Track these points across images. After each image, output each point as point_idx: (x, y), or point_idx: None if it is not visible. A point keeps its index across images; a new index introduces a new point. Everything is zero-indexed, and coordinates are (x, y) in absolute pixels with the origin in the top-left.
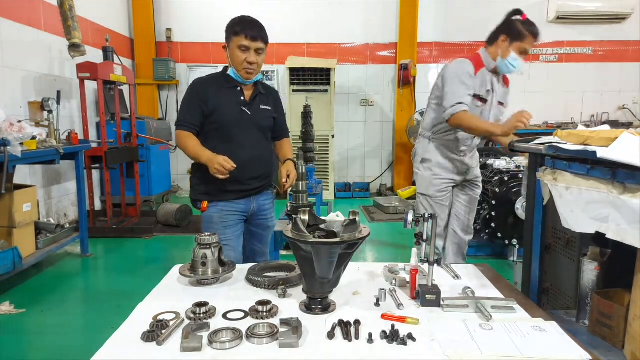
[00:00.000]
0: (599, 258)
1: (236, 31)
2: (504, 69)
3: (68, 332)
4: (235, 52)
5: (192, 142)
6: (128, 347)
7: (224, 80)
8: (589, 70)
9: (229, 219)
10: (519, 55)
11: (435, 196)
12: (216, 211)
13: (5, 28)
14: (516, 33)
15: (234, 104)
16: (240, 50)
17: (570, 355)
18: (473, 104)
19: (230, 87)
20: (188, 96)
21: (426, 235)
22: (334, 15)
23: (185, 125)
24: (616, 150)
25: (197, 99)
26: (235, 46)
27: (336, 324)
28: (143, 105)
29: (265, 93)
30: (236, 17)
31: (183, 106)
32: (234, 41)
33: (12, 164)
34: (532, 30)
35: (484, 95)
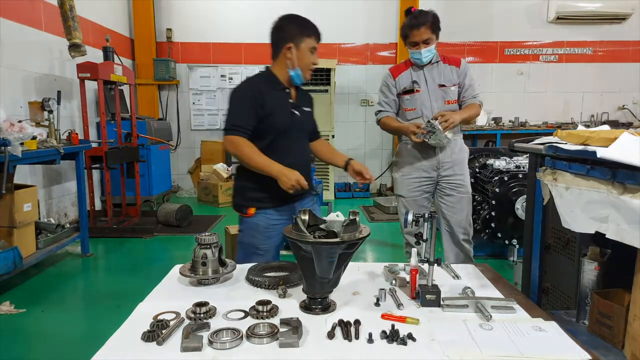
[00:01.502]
0: (599, 258)
1: (309, 33)
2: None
3: (68, 332)
4: (306, 53)
5: (253, 150)
6: (128, 347)
7: (274, 82)
8: (589, 70)
9: (273, 229)
10: (412, 49)
11: (409, 196)
12: (262, 219)
13: (6, 28)
14: (402, 35)
15: (286, 107)
16: (310, 52)
17: (570, 355)
18: (402, 99)
19: (280, 89)
20: (241, 99)
21: (426, 235)
22: (334, 15)
23: (241, 131)
24: (616, 150)
25: (253, 102)
26: (307, 48)
27: (336, 324)
28: (143, 105)
29: (304, 93)
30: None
31: (235, 109)
32: (306, 42)
33: (13, 164)
34: (409, 23)
35: (410, 87)
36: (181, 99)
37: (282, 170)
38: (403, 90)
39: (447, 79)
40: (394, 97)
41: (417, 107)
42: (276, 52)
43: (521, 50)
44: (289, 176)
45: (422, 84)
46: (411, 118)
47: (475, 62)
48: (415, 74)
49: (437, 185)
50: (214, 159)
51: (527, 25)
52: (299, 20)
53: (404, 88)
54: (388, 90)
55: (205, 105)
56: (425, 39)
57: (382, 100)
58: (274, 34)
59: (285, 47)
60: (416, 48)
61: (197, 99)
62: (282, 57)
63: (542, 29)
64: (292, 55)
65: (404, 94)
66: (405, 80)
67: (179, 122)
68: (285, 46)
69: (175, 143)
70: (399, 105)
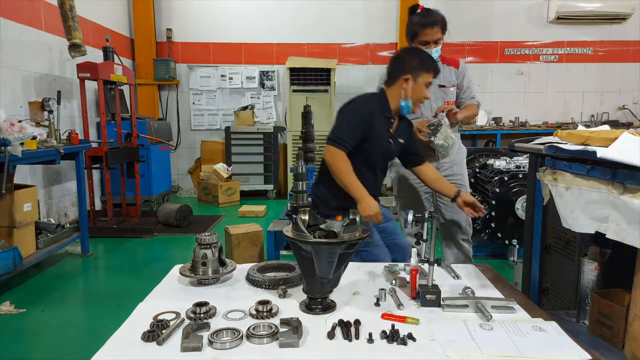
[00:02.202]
0: (599, 258)
1: (427, 68)
2: None
3: (68, 332)
4: (421, 87)
5: (348, 168)
6: (128, 347)
7: (384, 108)
8: (589, 70)
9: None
10: (424, 48)
11: (408, 197)
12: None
13: (6, 28)
14: (410, 33)
15: (386, 135)
16: (425, 86)
17: (570, 355)
18: None
19: (387, 116)
20: (353, 115)
21: (426, 235)
22: (334, 15)
23: (345, 145)
24: (616, 150)
25: (363, 121)
26: (424, 82)
27: (336, 324)
28: (143, 105)
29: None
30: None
31: (344, 123)
32: (423, 77)
33: (13, 164)
34: (420, 23)
35: None
36: (181, 99)
37: (365, 197)
38: None
39: (447, 79)
40: None
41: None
42: (392, 79)
43: (521, 50)
44: (370, 206)
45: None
46: (412, 119)
47: (475, 62)
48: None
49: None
50: (214, 159)
51: (527, 25)
52: (421, 55)
53: None
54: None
55: (205, 105)
56: (436, 39)
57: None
58: (394, 63)
59: (402, 78)
60: (427, 47)
61: (197, 99)
62: (398, 85)
63: (542, 29)
64: (407, 87)
65: None
66: None
67: (179, 122)
68: (403, 77)
69: (175, 143)
70: None
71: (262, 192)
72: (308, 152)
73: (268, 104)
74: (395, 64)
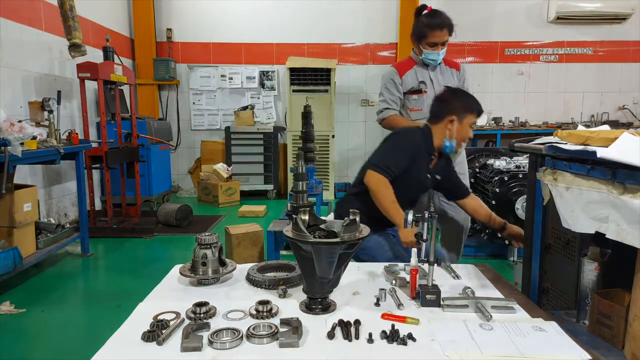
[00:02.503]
0: (599, 258)
1: (473, 110)
2: (427, 63)
3: (68, 332)
4: (466, 128)
5: (391, 194)
6: (128, 347)
7: (428, 145)
8: (589, 70)
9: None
10: (430, 49)
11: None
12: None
13: (6, 28)
14: (418, 32)
15: (425, 171)
16: (470, 127)
17: (570, 355)
18: (409, 99)
19: (429, 153)
20: (404, 146)
21: (426, 235)
22: (334, 15)
23: (389, 173)
24: (616, 150)
25: (410, 154)
26: (469, 124)
27: (336, 324)
28: (143, 105)
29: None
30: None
31: (393, 152)
32: (468, 118)
33: (13, 164)
34: (430, 24)
35: (417, 87)
36: (181, 99)
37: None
38: (410, 90)
39: (450, 81)
40: (399, 95)
41: (423, 108)
42: (438, 118)
43: (521, 50)
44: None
45: (429, 85)
46: (415, 118)
47: (475, 62)
48: (420, 74)
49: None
50: (214, 159)
51: (527, 25)
52: (467, 97)
53: (412, 87)
54: (394, 88)
55: (205, 105)
56: (444, 41)
57: (387, 98)
58: (440, 103)
59: (447, 118)
60: (434, 49)
61: (197, 99)
62: (443, 125)
63: (542, 29)
64: (452, 127)
65: (411, 93)
66: (411, 80)
67: (179, 122)
68: (448, 118)
69: (176, 143)
70: (403, 104)
71: (262, 192)
72: (308, 152)
73: (268, 104)
74: (441, 105)
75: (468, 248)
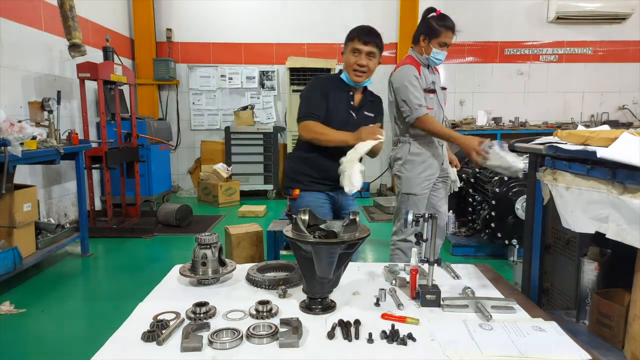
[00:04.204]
0: (599, 258)
1: (352, 36)
2: (432, 62)
3: (68, 332)
4: (348, 55)
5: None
6: (128, 347)
7: (339, 82)
8: (589, 70)
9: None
10: (440, 49)
11: (421, 193)
12: (307, 200)
13: (6, 28)
14: (431, 31)
15: (345, 106)
16: (352, 53)
17: (570, 355)
18: (426, 97)
19: (343, 90)
20: (312, 90)
21: (426, 235)
22: (334, 15)
23: (314, 115)
24: (616, 150)
25: (320, 92)
26: (349, 50)
27: (336, 324)
28: (143, 105)
29: (372, 100)
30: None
31: (307, 100)
32: (348, 45)
33: (13, 164)
34: (446, 25)
35: (432, 87)
36: (181, 99)
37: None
38: (427, 89)
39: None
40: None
41: (434, 107)
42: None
43: (521, 50)
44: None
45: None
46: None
47: (475, 62)
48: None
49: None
50: (214, 159)
51: (527, 25)
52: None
53: (428, 87)
54: (419, 85)
55: (205, 105)
56: (451, 43)
57: (418, 95)
58: None
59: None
60: (442, 49)
61: (197, 99)
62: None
63: (542, 29)
64: (343, 60)
65: (426, 92)
66: (424, 79)
67: (179, 122)
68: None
69: (175, 143)
70: None
71: (262, 192)
72: None
73: (268, 104)
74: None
75: (468, 248)
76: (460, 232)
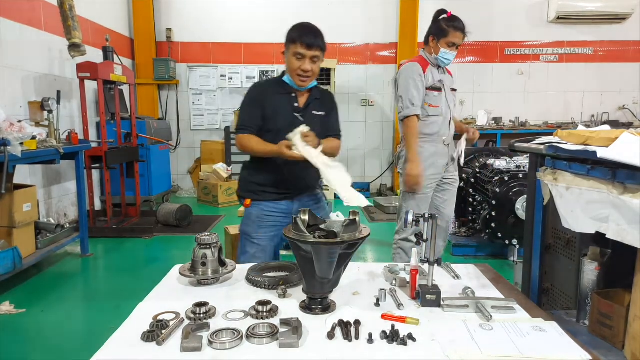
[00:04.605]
0: (599, 258)
1: (293, 38)
2: (441, 63)
3: (68, 332)
4: (290, 59)
5: (255, 140)
6: (128, 347)
7: (279, 86)
8: (589, 70)
9: (266, 219)
10: (448, 49)
11: (424, 193)
12: (256, 210)
13: (6, 28)
14: (440, 31)
15: (288, 111)
16: (295, 57)
17: (570, 355)
18: (430, 95)
19: (285, 93)
20: (248, 100)
21: (426, 235)
22: (334, 16)
23: (246, 128)
24: (616, 150)
25: (256, 102)
26: (292, 54)
27: (336, 324)
28: (143, 105)
29: (319, 98)
30: (296, 24)
31: (243, 111)
32: (290, 48)
33: (12, 163)
34: (454, 25)
35: (438, 85)
36: (181, 99)
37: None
38: (432, 87)
39: (452, 84)
40: (423, 91)
41: (440, 106)
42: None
43: (521, 50)
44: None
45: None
46: (433, 114)
47: (475, 62)
48: (435, 74)
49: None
50: (214, 159)
51: (527, 25)
52: (293, 27)
53: (433, 84)
54: (421, 83)
55: (205, 105)
56: (460, 44)
57: (414, 95)
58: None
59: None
60: (451, 49)
61: (196, 98)
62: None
63: (542, 28)
64: (285, 61)
65: (431, 89)
66: (430, 77)
67: (178, 122)
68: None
69: (175, 143)
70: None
71: None
72: None
73: None
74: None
75: (468, 248)
76: (461, 232)
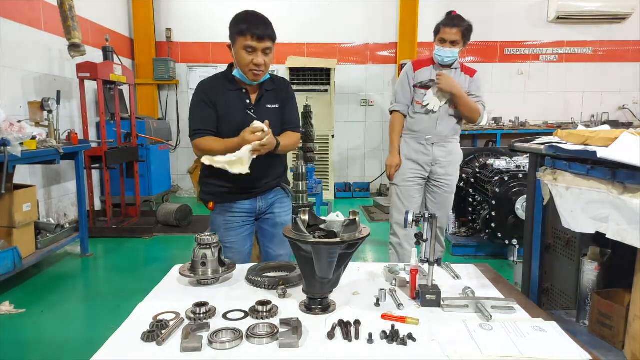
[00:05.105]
0: (599, 258)
1: (241, 30)
2: (436, 59)
3: (68, 332)
4: (240, 53)
5: (213, 140)
6: (128, 347)
7: (228, 82)
8: (589, 70)
9: (232, 221)
10: (440, 45)
11: (402, 185)
12: (220, 212)
13: (6, 28)
14: (435, 29)
15: (240, 108)
16: (246, 51)
17: (570, 355)
18: (417, 92)
19: (235, 89)
20: (197, 102)
21: (426, 235)
22: (334, 15)
23: (201, 132)
24: (616, 150)
25: (205, 102)
26: (241, 47)
27: (336, 324)
28: (143, 105)
29: (272, 89)
30: (240, 13)
31: (193, 113)
32: (239, 41)
33: (12, 164)
34: (444, 22)
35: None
36: (181, 99)
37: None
38: (420, 84)
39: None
40: (409, 89)
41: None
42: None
43: (521, 50)
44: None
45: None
46: (419, 112)
47: (475, 62)
48: (435, 72)
49: (429, 182)
50: None
51: (527, 25)
52: (238, 16)
53: (421, 82)
54: (406, 82)
55: None
56: (453, 40)
57: (399, 94)
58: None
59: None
60: (443, 45)
61: None
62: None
63: (542, 28)
64: (231, 54)
65: (420, 87)
66: (424, 76)
67: (178, 122)
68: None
69: (175, 143)
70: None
71: None
72: (308, 152)
73: None
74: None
75: (468, 248)
76: (460, 232)
